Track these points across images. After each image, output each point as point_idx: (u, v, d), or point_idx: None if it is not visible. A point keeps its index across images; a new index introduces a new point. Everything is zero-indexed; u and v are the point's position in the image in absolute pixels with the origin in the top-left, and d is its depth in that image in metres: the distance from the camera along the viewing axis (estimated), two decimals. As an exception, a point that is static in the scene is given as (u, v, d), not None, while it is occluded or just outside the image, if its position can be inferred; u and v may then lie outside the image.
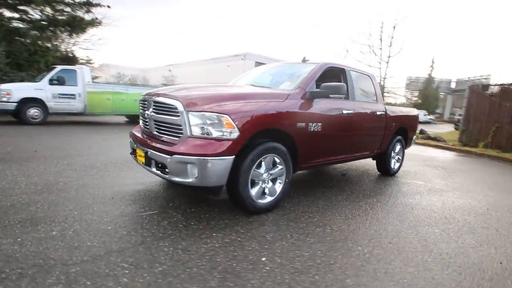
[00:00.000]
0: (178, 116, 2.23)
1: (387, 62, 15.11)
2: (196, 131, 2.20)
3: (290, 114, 2.64)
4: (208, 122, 2.18)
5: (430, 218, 2.78)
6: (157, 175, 2.40)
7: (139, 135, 2.75)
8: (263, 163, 2.46)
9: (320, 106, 2.94)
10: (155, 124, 2.52)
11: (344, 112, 3.27)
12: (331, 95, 2.87)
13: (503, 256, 2.13)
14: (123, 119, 10.92)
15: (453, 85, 38.46)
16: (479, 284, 1.73)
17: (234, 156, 2.19)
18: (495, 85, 9.78)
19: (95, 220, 2.17)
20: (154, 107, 2.50)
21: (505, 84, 9.11)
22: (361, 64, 20.33)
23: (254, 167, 2.36)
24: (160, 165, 2.30)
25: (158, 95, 2.52)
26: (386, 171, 4.54)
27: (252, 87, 3.22)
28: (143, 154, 2.47)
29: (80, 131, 7.26)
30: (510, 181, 5.23)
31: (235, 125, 2.18)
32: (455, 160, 7.39)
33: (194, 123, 2.19)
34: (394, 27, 15.32)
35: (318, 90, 2.89)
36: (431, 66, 36.40)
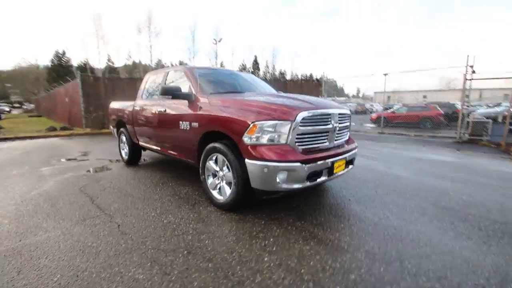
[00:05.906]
0: (349, 120, 3.21)
1: None
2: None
3: None
4: None
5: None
6: (341, 175, 2.88)
7: (327, 153, 2.63)
8: None
9: None
10: (337, 133, 2.90)
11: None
12: None
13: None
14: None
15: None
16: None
17: None
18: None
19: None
20: (340, 118, 2.94)
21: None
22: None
23: None
24: (352, 161, 3.08)
25: (338, 108, 2.96)
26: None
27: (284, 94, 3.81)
28: (344, 162, 2.85)
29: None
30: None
31: None
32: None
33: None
34: None
35: None
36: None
